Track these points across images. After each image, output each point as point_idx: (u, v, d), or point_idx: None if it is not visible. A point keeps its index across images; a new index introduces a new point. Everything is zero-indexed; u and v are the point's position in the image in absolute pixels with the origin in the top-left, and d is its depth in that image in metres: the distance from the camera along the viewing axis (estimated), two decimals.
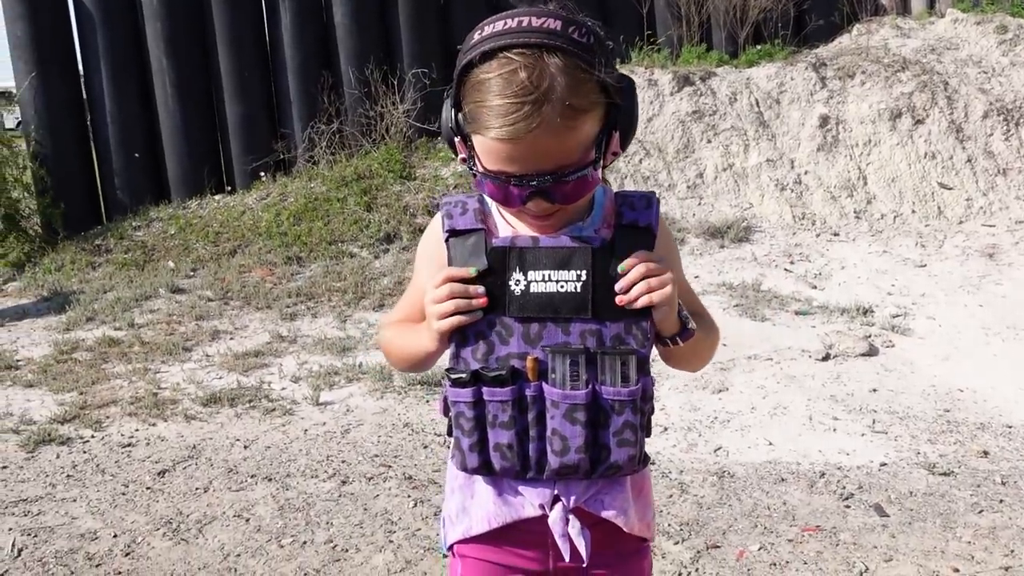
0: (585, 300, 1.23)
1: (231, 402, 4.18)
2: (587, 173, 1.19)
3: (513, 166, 1.17)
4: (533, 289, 1.23)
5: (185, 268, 6.38)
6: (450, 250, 1.28)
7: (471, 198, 1.33)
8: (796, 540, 2.94)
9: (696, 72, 7.44)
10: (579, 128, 1.16)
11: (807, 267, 5.88)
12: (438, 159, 7.32)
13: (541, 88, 1.12)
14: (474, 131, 1.18)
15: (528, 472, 1.26)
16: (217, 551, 2.90)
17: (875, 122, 7.01)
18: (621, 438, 1.24)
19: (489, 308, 1.24)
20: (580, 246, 1.24)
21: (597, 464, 1.25)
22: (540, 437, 1.25)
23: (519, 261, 1.24)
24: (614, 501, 1.30)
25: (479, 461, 1.27)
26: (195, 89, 7.54)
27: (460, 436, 1.28)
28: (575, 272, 1.23)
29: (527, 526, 1.31)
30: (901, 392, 4.24)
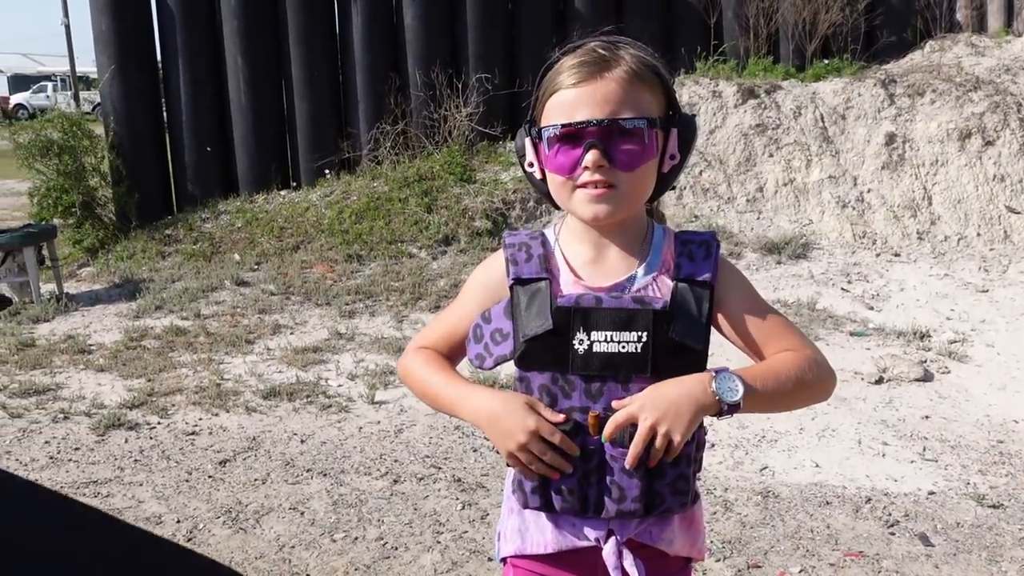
0: (645, 360, 1.28)
1: (290, 396, 4.32)
2: (643, 127, 1.27)
3: (578, 112, 1.27)
4: (596, 348, 1.29)
5: (250, 261, 6.58)
6: (515, 298, 1.34)
7: (535, 239, 1.39)
8: (838, 565, 2.96)
9: (761, 85, 7.41)
10: (640, 92, 1.29)
11: (865, 287, 5.83)
12: (498, 163, 7.41)
13: (612, 52, 1.30)
14: (550, 95, 1.31)
15: (587, 512, 1.33)
16: (273, 542, 3.04)
17: (943, 142, 6.90)
18: (675, 487, 1.31)
19: (553, 364, 1.30)
20: (641, 308, 1.29)
21: (651, 508, 1.31)
22: (599, 484, 1.31)
23: (583, 321, 1.29)
24: (663, 533, 1.36)
25: (540, 501, 1.33)
26: (267, 87, 7.76)
27: (522, 478, 1.33)
28: (636, 333, 1.28)
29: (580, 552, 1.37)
30: (954, 420, 4.20)
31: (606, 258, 1.37)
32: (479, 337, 1.38)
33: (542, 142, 1.32)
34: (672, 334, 1.28)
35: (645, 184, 1.33)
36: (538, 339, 1.30)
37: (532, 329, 1.30)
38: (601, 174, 1.28)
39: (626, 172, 1.29)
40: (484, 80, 7.58)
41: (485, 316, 1.38)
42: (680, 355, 1.29)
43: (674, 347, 1.28)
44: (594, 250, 1.37)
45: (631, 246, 1.37)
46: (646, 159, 1.30)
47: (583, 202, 1.31)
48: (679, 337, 1.28)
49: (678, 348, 1.29)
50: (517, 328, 1.33)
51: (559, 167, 1.31)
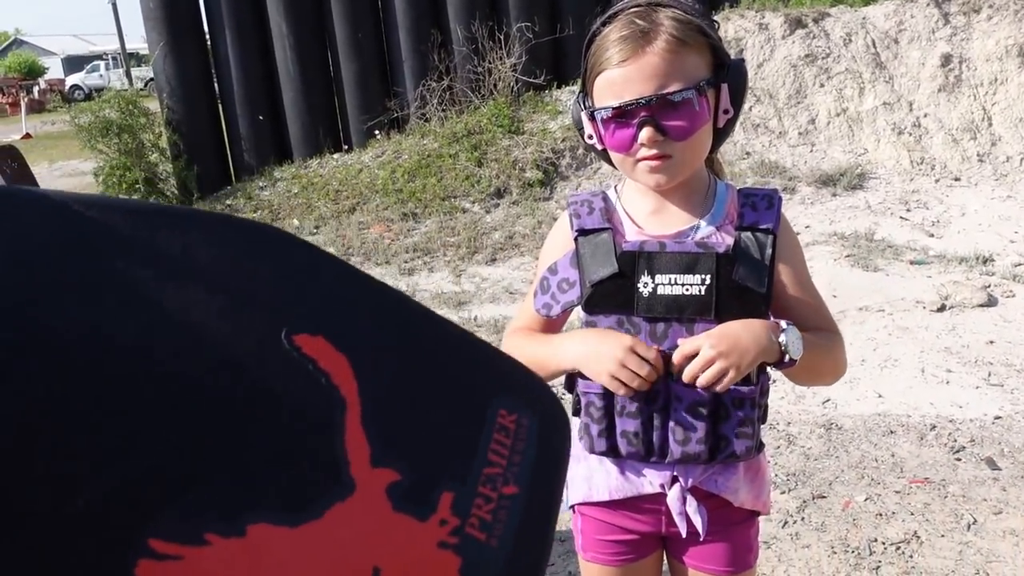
0: (709, 303, 1.31)
1: None
2: (692, 97, 1.28)
3: (626, 92, 1.29)
4: (660, 291, 1.32)
5: (309, 226, 6.74)
6: (579, 248, 1.38)
7: (596, 196, 1.44)
8: (903, 492, 3.00)
9: (809, 14, 7.24)
10: (685, 58, 1.29)
11: (924, 215, 5.75)
12: (545, 113, 7.41)
13: (651, 20, 1.30)
14: (596, 74, 1.33)
15: (652, 457, 1.37)
16: None
17: (1002, 59, 6.69)
18: (740, 431, 1.34)
19: (619, 307, 1.34)
20: (705, 252, 1.32)
21: (716, 453, 1.35)
22: (664, 426, 1.34)
23: (647, 265, 1.33)
24: (727, 482, 1.40)
25: (607, 446, 1.38)
26: (312, 52, 7.84)
27: (589, 423, 1.38)
28: (700, 276, 1.31)
29: (644, 498, 1.43)
30: (1020, 344, 4.16)
31: (668, 210, 1.40)
32: (546, 288, 1.42)
33: (597, 121, 1.35)
34: (735, 276, 1.31)
35: (702, 147, 1.35)
36: (604, 283, 1.33)
37: (598, 274, 1.34)
38: (657, 148, 1.30)
39: (681, 142, 1.31)
40: (525, 29, 7.54)
41: (551, 268, 1.42)
42: (743, 298, 1.31)
43: (737, 289, 1.31)
44: (656, 203, 1.41)
45: (693, 200, 1.40)
46: (699, 125, 1.31)
47: (644, 173, 1.34)
48: (742, 280, 1.31)
49: (741, 291, 1.31)
50: (583, 275, 1.36)
51: (617, 145, 1.34)
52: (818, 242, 5.43)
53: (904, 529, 2.78)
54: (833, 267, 5.04)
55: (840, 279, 4.86)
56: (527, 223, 6.19)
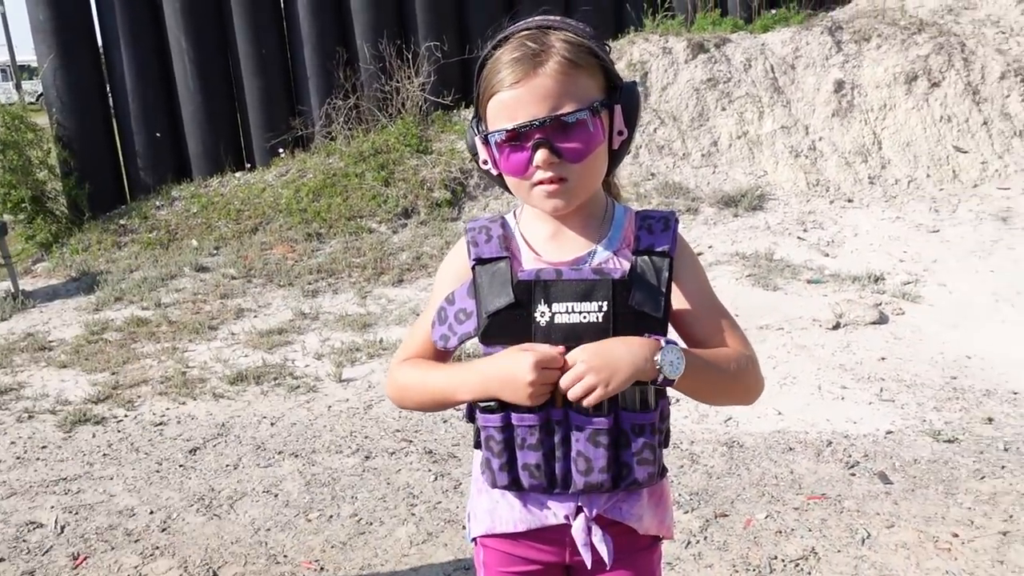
0: (607, 330, 1.30)
1: (257, 380, 4.33)
2: (586, 118, 1.28)
3: (519, 114, 1.28)
4: (557, 320, 1.30)
5: (208, 246, 6.53)
6: (476, 277, 1.36)
7: (494, 222, 1.41)
8: (802, 508, 3.05)
9: (711, 39, 7.43)
10: (577, 79, 1.28)
11: (820, 235, 5.93)
12: (454, 132, 7.39)
13: (542, 43, 1.30)
14: (489, 96, 1.31)
15: (555, 488, 1.35)
16: (248, 525, 3.06)
17: (891, 86, 6.99)
18: (641, 457, 1.33)
19: (516, 338, 1.32)
20: (601, 278, 1.30)
21: (619, 480, 1.33)
22: (566, 457, 1.33)
23: (544, 294, 1.31)
24: (632, 509, 1.39)
25: (508, 479, 1.35)
26: (214, 67, 7.63)
27: (490, 457, 1.35)
28: (596, 303, 1.30)
29: (549, 529, 1.40)
30: (909, 360, 4.31)
31: (565, 235, 1.39)
32: (443, 319, 1.40)
33: (490, 144, 1.33)
34: (632, 302, 1.30)
35: (597, 169, 1.35)
36: (500, 313, 1.31)
37: (494, 304, 1.32)
38: (553, 171, 1.30)
39: (577, 164, 1.30)
40: (434, 48, 7.52)
41: (449, 298, 1.40)
42: (640, 323, 1.30)
43: (634, 315, 1.30)
44: (554, 229, 1.39)
45: (590, 224, 1.39)
46: (595, 147, 1.31)
47: (541, 198, 1.33)
48: (638, 305, 1.30)
49: (638, 316, 1.30)
50: (480, 305, 1.34)
51: (512, 169, 1.33)
52: (720, 262, 5.53)
53: (802, 545, 2.82)
54: (735, 286, 5.14)
55: (742, 298, 4.96)
56: (435, 243, 6.13)
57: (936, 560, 2.71)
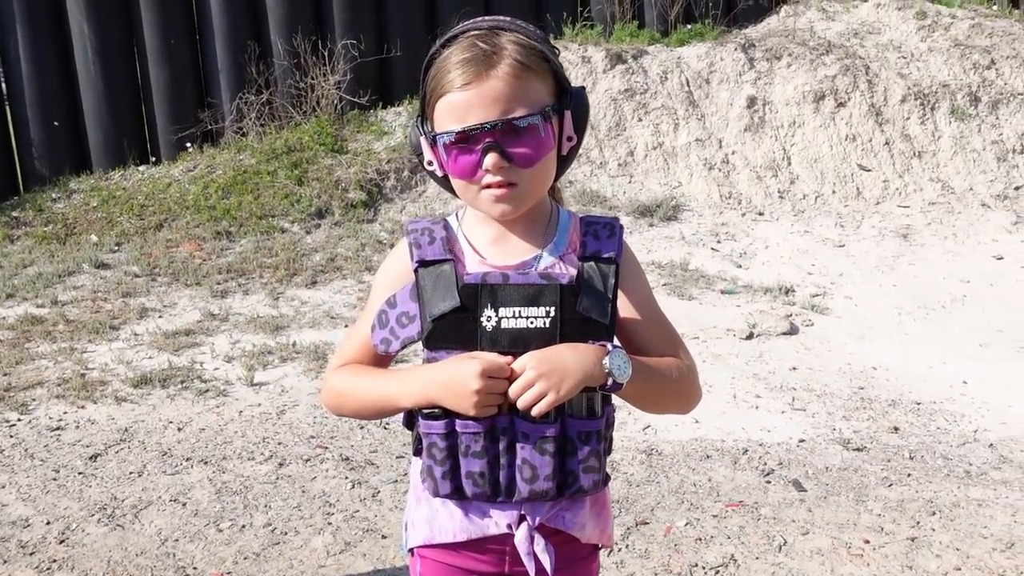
0: (554, 335, 1.28)
1: (163, 383, 4.14)
2: (537, 123, 1.26)
3: (469, 116, 1.25)
4: (504, 325, 1.28)
5: (109, 242, 6.23)
6: (419, 280, 1.32)
7: (436, 224, 1.38)
8: (720, 515, 3.09)
9: (629, 50, 7.53)
10: (529, 83, 1.27)
11: (733, 246, 6.06)
12: (370, 133, 7.27)
13: (494, 46, 1.27)
14: (438, 97, 1.28)
15: (498, 497, 1.32)
16: (154, 536, 2.91)
17: (800, 104, 7.22)
18: (587, 465, 1.31)
19: (461, 342, 1.29)
20: (549, 283, 1.29)
21: (564, 489, 1.32)
22: (510, 465, 1.30)
23: (491, 298, 1.28)
24: (575, 517, 1.37)
25: (451, 487, 1.31)
26: (118, 55, 7.30)
27: (432, 465, 1.31)
28: (544, 308, 1.28)
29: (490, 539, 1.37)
30: (819, 370, 4.44)
31: (510, 240, 1.37)
32: (384, 322, 1.36)
33: (438, 146, 1.30)
34: (580, 308, 1.29)
35: (547, 175, 1.34)
36: (445, 317, 1.29)
37: (439, 308, 1.29)
38: (502, 175, 1.27)
39: (526, 169, 1.28)
40: (350, 47, 7.37)
41: (390, 301, 1.36)
42: (587, 329, 1.30)
43: (581, 321, 1.29)
44: (498, 233, 1.37)
45: (535, 229, 1.38)
46: (544, 152, 1.30)
47: (488, 202, 1.31)
48: (586, 311, 1.29)
49: (585, 322, 1.29)
50: (423, 308, 1.31)
51: (460, 172, 1.30)
52: None
53: (722, 553, 2.85)
54: None
55: None
56: (350, 245, 6.01)
57: (849, 566, 2.77)
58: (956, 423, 3.93)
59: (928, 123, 7.23)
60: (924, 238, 6.19)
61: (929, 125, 7.23)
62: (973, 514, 3.09)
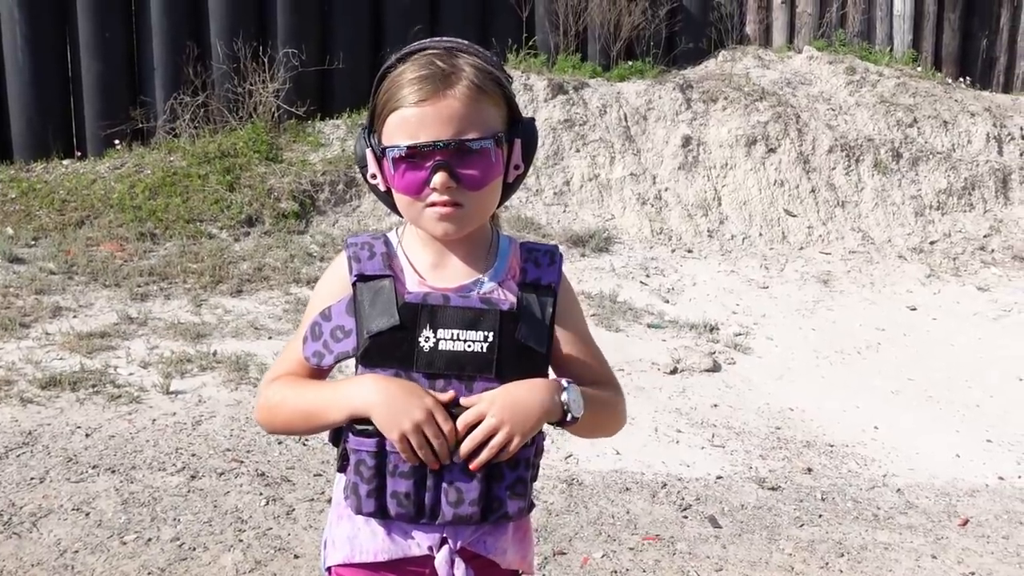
0: (490, 361, 1.29)
1: (73, 386, 3.98)
2: (489, 147, 1.28)
3: (422, 133, 1.26)
4: (442, 347, 1.28)
5: (26, 236, 5.99)
6: (357, 294, 1.31)
7: (377, 240, 1.38)
8: (637, 548, 3.11)
9: (570, 81, 7.62)
10: (483, 107, 1.28)
11: (661, 281, 6.16)
12: (306, 143, 7.18)
13: (452, 66, 1.28)
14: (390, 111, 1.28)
15: (422, 518, 1.31)
16: (53, 546, 2.78)
17: (732, 147, 7.41)
18: (513, 491, 1.32)
19: (397, 361, 1.28)
20: (489, 308, 1.30)
21: (488, 514, 1.32)
22: (436, 488, 1.30)
23: (430, 319, 1.28)
24: (497, 543, 1.37)
25: (375, 506, 1.30)
26: (49, 44, 7.06)
27: (358, 482, 1.30)
28: (483, 333, 1.28)
29: (411, 560, 1.35)
30: (739, 408, 4.52)
31: (450, 263, 1.38)
32: (317, 335, 1.34)
33: (386, 159, 1.30)
34: (518, 335, 1.30)
35: (492, 199, 1.35)
36: (383, 335, 1.28)
37: (377, 325, 1.28)
38: (449, 195, 1.28)
39: (473, 192, 1.29)
40: (292, 55, 7.29)
41: (324, 314, 1.34)
42: (524, 357, 1.31)
43: (519, 349, 1.30)
44: (438, 256, 1.38)
45: (476, 254, 1.38)
46: (493, 177, 1.31)
47: (432, 220, 1.31)
48: (524, 339, 1.30)
49: (523, 349, 1.30)
50: (360, 324, 1.30)
51: (406, 187, 1.30)
52: None
53: None
54: None
55: None
56: (279, 255, 5.90)
57: None
58: (867, 467, 4.05)
59: (852, 174, 7.50)
60: (844, 285, 6.40)
61: (853, 176, 7.49)
62: (880, 557, 3.17)
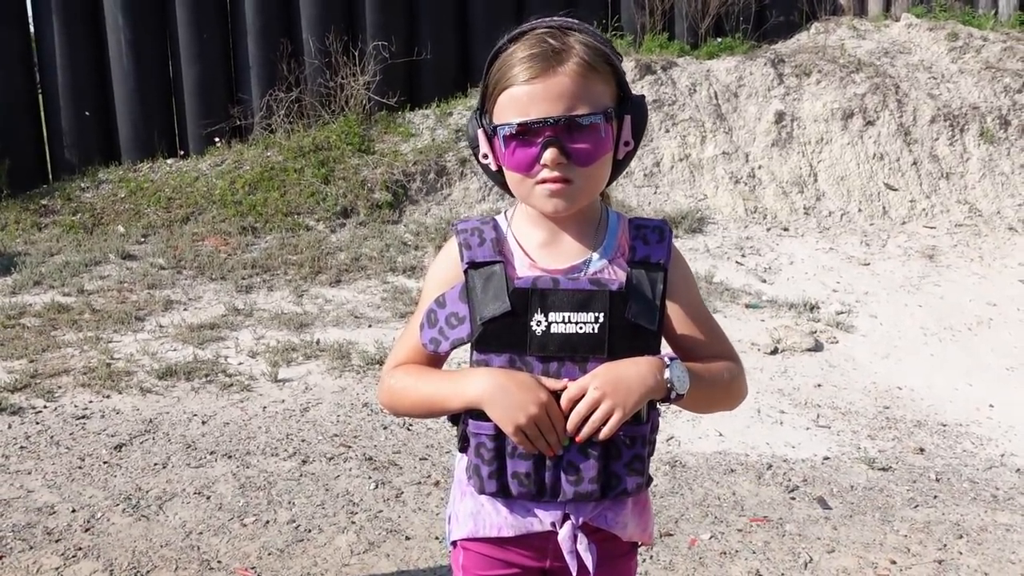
0: (602, 341, 1.29)
1: (187, 376, 4.15)
2: (599, 123, 1.28)
3: (532, 110, 1.26)
4: (554, 330, 1.29)
5: (136, 234, 6.27)
6: (469, 281, 1.33)
7: (486, 224, 1.39)
8: (745, 530, 3.07)
9: (658, 61, 7.52)
10: (593, 84, 1.28)
11: (758, 260, 6.04)
12: (397, 134, 7.29)
13: (562, 43, 1.28)
14: (501, 90, 1.29)
15: (543, 497, 1.33)
16: (179, 528, 2.92)
17: (828, 121, 7.19)
18: (631, 468, 1.33)
19: (511, 346, 1.30)
20: (598, 290, 1.30)
21: (608, 491, 1.33)
22: (556, 467, 1.32)
23: (540, 303, 1.29)
24: (617, 517, 1.38)
25: (497, 487, 1.33)
26: (151, 48, 7.36)
27: (480, 464, 1.33)
28: (593, 315, 1.29)
29: (534, 535, 1.38)
30: (844, 388, 4.41)
31: (561, 242, 1.38)
32: (433, 321, 1.37)
33: (497, 137, 1.31)
34: (628, 315, 1.30)
35: (602, 175, 1.35)
36: (496, 321, 1.30)
37: (490, 311, 1.30)
38: (559, 171, 1.28)
39: (584, 167, 1.29)
40: (381, 48, 7.40)
41: (439, 301, 1.37)
42: (636, 336, 1.31)
43: (630, 328, 1.30)
44: (548, 234, 1.38)
45: (586, 231, 1.38)
46: (603, 153, 1.31)
47: (542, 197, 1.32)
48: (634, 318, 1.30)
49: (634, 329, 1.31)
50: (474, 311, 1.32)
51: (517, 165, 1.31)
52: None
53: (747, 568, 2.83)
54: None
55: None
56: (374, 245, 6.02)
57: None
58: (983, 446, 3.90)
59: (957, 145, 7.19)
60: (950, 260, 6.15)
61: (958, 147, 7.18)
62: (1001, 539, 3.05)
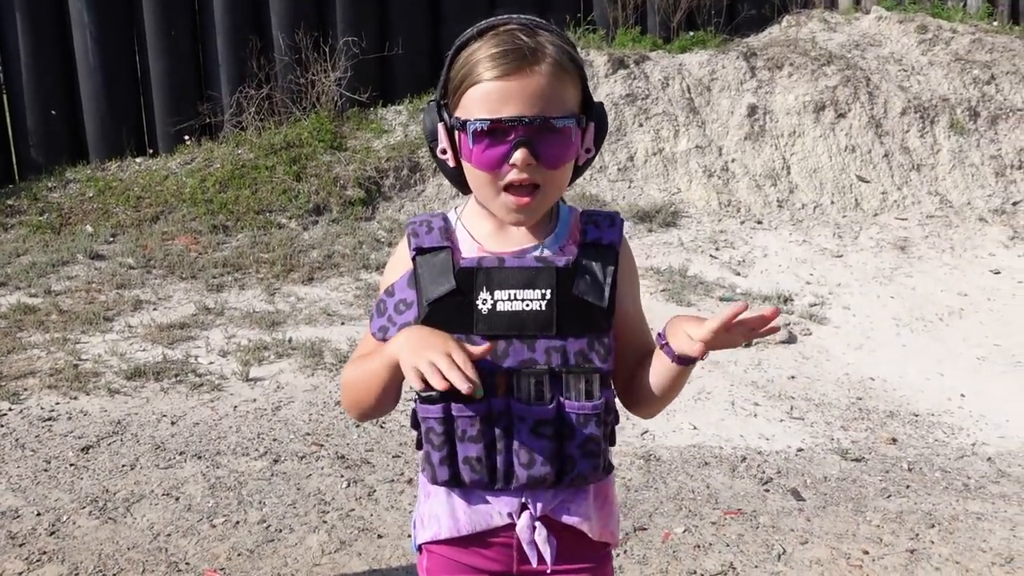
0: (550, 318, 1.28)
1: (156, 376, 4.10)
2: (571, 127, 1.26)
3: (504, 108, 1.24)
4: (500, 307, 1.28)
5: (104, 233, 6.18)
6: (418, 268, 1.32)
7: (435, 217, 1.38)
8: (719, 523, 3.07)
9: (631, 55, 7.52)
10: (565, 86, 1.26)
11: (731, 254, 6.05)
12: (370, 130, 7.24)
13: (535, 41, 1.26)
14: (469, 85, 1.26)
15: (496, 484, 1.32)
16: (147, 530, 2.87)
17: (800, 114, 7.22)
18: (585, 450, 1.31)
19: (457, 326, 1.28)
20: (545, 266, 1.29)
21: (563, 475, 1.31)
22: (507, 450, 1.30)
23: (486, 281, 1.28)
24: (579, 508, 1.36)
25: (449, 474, 1.32)
26: (118, 46, 7.25)
27: (430, 451, 1.32)
28: (540, 291, 1.28)
29: (495, 532, 1.36)
30: (817, 380, 4.43)
31: (511, 230, 1.36)
32: (383, 310, 1.36)
33: (465, 133, 1.27)
34: (576, 291, 1.29)
35: (565, 180, 1.34)
36: (441, 301, 1.29)
37: (435, 292, 1.29)
38: (528, 172, 1.26)
39: (551, 170, 1.28)
40: (352, 44, 7.34)
41: (388, 291, 1.37)
42: (585, 312, 1.29)
43: (579, 304, 1.29)
44: (498, 224, 1.37)
45: (538, 222, 1.37)
46: (570, 156, 1.30)
47: (506, 207, 1.30)
48: (582, 294, 1.29)
49: (583, 305, 1.29)
50: (420, 294, 1.31)
51: (484, 163, 1.28)
52: None
53: (721, 561, 2.83)
54: (649, 300, 5.18)
55: (656, 312, 4.99)
56: (347, 243, 5.97)
57: None
58: (954, 436, 3.92)
59: (927, 136, 7.24)
60: (922, 251, 6.20)
61: (928, 138, 7.24)
62: (972, 527, 3.07)
